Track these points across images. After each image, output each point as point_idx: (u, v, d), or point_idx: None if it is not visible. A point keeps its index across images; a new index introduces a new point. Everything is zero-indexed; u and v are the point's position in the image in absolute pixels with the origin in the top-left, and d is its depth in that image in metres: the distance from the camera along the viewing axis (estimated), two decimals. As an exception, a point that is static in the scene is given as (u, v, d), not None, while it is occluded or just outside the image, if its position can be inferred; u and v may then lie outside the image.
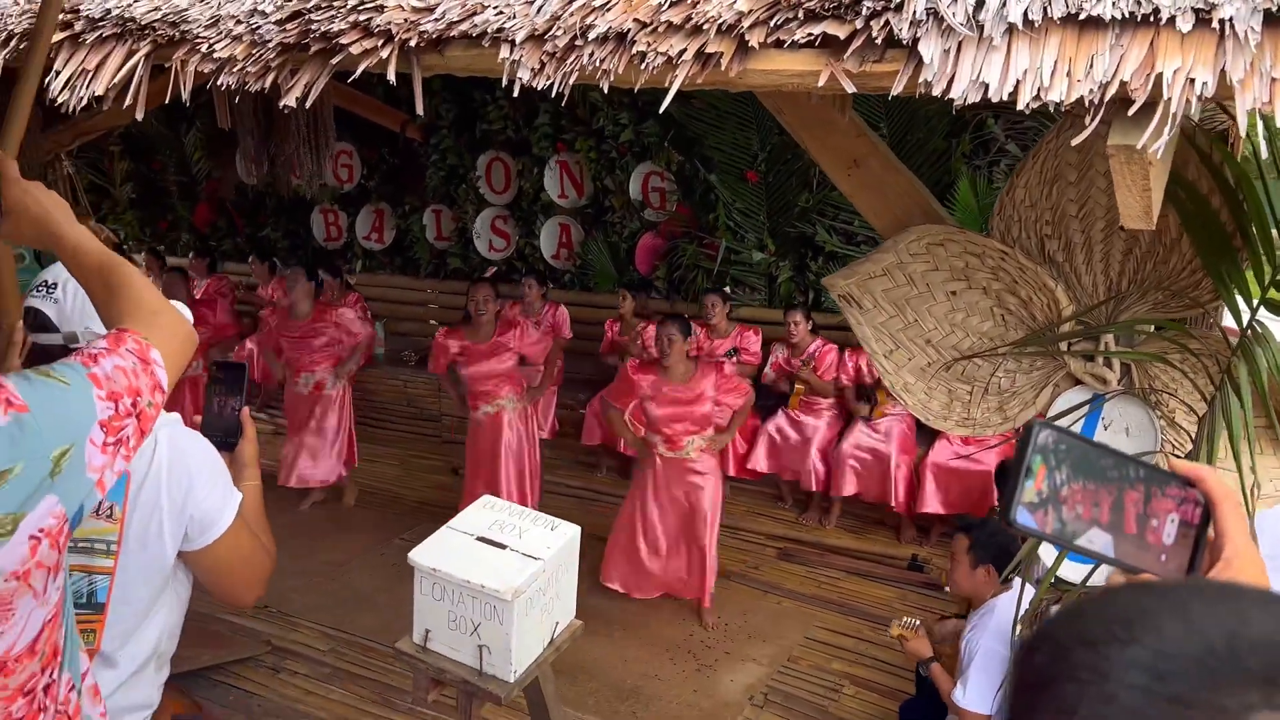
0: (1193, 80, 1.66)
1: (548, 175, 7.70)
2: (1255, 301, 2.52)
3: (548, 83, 2.26)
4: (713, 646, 4.86)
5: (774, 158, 6.69)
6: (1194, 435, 2.75)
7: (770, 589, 5.46)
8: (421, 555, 2.56)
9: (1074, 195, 2.87)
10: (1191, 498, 0.83)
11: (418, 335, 8.25)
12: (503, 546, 2.55)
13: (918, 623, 3.61)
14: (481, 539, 2.56)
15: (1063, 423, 2.97)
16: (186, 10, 2.90)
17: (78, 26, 3.02)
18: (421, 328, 8.33)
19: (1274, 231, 2.48)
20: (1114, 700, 0.48)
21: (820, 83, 2.01)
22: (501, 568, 2.47)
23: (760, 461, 6.29)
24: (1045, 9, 1.85)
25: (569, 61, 2.25)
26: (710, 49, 2.09)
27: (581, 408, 6.87)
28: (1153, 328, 2.87)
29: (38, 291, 1.76)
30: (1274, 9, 1.65)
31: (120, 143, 9.12)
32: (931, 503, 5.79)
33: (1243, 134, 1.61)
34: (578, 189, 7.70)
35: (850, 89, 1.99)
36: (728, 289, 6.83)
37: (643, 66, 2.16)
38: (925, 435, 5.94)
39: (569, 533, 2.65)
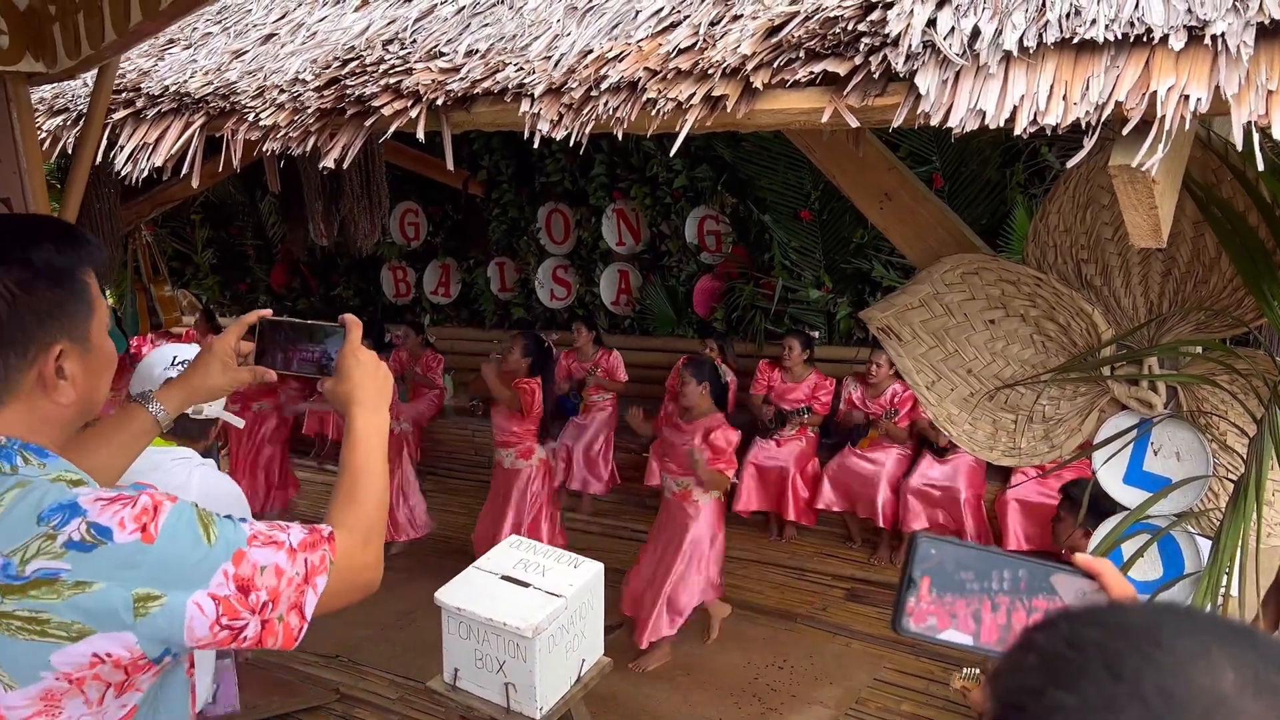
0: (1187, 97, 1.66)
1: (605, 224, 7.85)
2: (1299, 318, 2.45)
3: (565, 133, 2.34)
4: (778, 690, 4.80)
5: (827, 195, 6.70)
6: (1246, 457, 2.67)
7: (838, 630, 5.38)
8: (447, 595, 2.62)
9: (1108, 218, 2.83)
10: (1093, 589, 0.87)
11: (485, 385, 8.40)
12: (525, 585, 2.59)
13: (978, 672, 3.51)
14: (506, 578, 2.61)
15: (1110, 449, 2.91)
16: (236, 83, 3.07)
17: (139, 103, 3.22)
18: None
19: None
20: None
21: (824, 119, 2.05)
22: (524, 605, 2.51)
23: (830, 500, 6.20)
24: (1040, 35, 1.87)
25: (585, 112, 2.33)
26: (717, 92, 2.15)
27: (644, 451, 6.90)
28: (1199, 349, 2.81)
29: (179, 368, 2.08)
30: (1266, 23, 1.64)
31: (200, 211, 9.55)
32: (1011, 539, 5.65)
33: (1239, 148, 1.60)
34: (634, 235, 7.82)
35: (854, 123, 2.03)
36: (785, 329, 6.84)
37: (654, 113, 2.23)
38: (999, 470, 5.81)
39: (591, 570, 2.68)
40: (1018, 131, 1.82)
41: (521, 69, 2.50)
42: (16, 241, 1.15)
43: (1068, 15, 1.88)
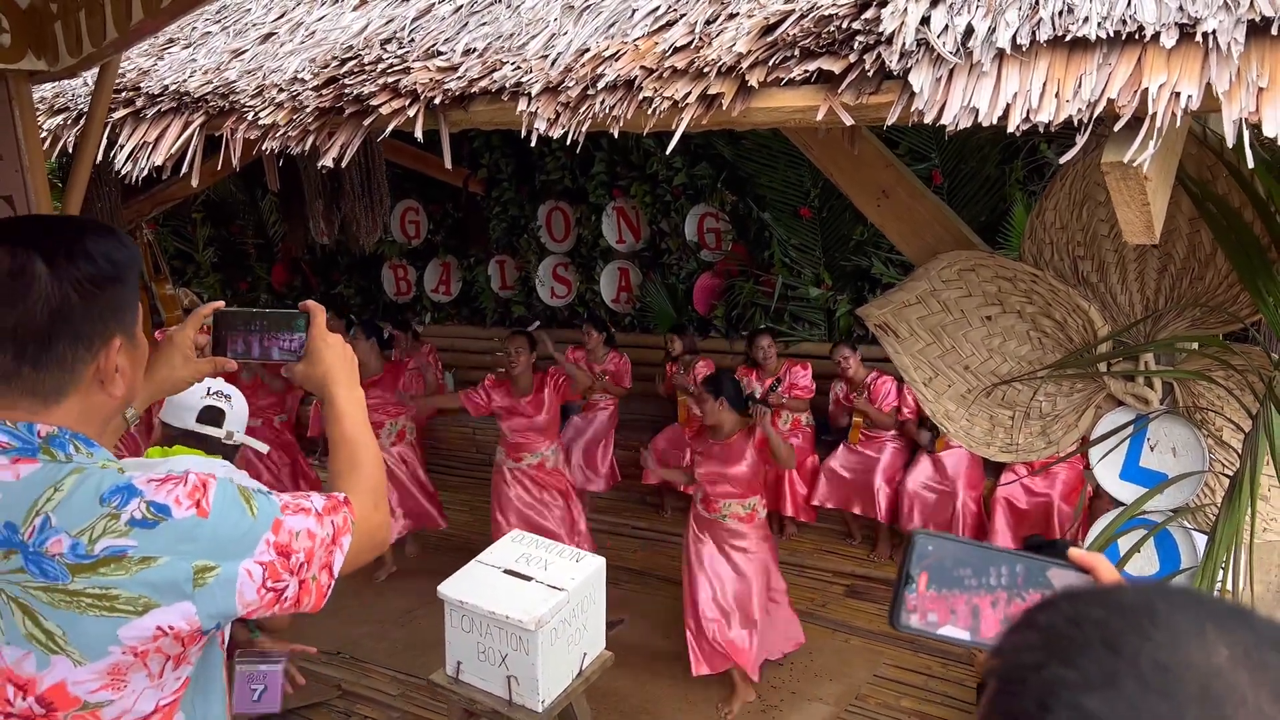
0: (1178, 94, 1.67)
1: (605, 221, 7.85)
2: (1293, 313, 2.46)
3: (562, 131, 2.35)
4: (778, 687, 4.80)
5: (827, 193, 6.70)
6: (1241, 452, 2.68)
7: (838, 627, 5.39)
8: (450, 588, 2.63)
9: (1104, 215, 2.85)
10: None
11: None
12: (528, 578, 2.61)
13: None
14: (508, 571, 2.63)
15: (1106, 444, 2.93)
16: (235, 82, 3.08)
17: (139, 103, 3.23)
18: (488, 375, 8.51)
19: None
20: None
21: (819, 117, 2.06)
22: (526, 599, 2.53)
23: (825, 497, 6.21)
24: (1033, 33, 1.88)
25: (582, 110, 2.34)
26: (713, 91, 2.16)
27: (644, 448, 6.90)
28: (1194, 345, 2.82)
29: (216, 397, 2.42)
30: (1257, 20, 1.65)
31: (202, 210, 9.56)
32: (999, 538, 5.66)
33: (1230, 145, 1.61)
34: (634, 233, 7.83)
35: (848, 121, 2.04)
36: (785, 326, 6.85)
37: (650, 111, 2.24)
38: (993, 466, 5.82)
39: (594, 564, 2.70)
40: (1011, 129, 1.83)
41: (519, 68, 2.51)
42: (81, 239, 1.20)
43: (1060, 13, 1.89)
